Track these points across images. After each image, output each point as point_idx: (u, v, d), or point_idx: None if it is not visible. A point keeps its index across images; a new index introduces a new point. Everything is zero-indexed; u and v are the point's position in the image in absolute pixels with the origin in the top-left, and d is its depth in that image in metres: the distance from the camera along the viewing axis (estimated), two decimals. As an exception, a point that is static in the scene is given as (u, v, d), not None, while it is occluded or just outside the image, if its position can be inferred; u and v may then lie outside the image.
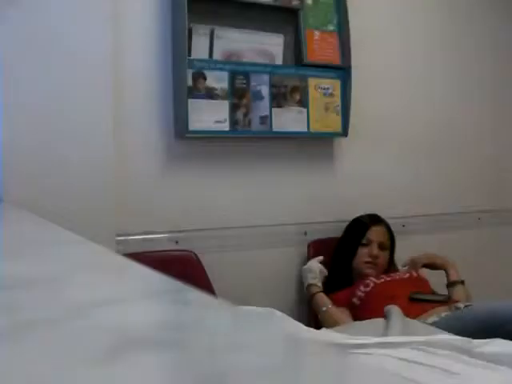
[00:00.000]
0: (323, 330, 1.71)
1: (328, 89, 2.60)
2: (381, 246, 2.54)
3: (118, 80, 2.19)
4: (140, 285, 0.62)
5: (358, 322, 1.95)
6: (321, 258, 2.49)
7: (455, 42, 3.18)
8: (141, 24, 2.30)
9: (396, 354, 1.33)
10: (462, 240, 3.12)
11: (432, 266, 2.64)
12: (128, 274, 0.68)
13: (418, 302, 2.29)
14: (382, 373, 0.37)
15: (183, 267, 2.27)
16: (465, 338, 1.46)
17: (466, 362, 1.32)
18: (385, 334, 1.61)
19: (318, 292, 2.41)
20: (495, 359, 1.35)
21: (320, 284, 2.43)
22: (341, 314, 2.32)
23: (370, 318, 2.03)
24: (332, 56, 2.61)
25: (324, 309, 2.34)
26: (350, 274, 2.53)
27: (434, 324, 2.01)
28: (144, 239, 2.29)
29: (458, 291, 2.46)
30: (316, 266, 2.45)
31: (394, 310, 1.81)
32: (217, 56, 2.39)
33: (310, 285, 2.44)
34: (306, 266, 2.49)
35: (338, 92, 2.62)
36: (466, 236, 3.16)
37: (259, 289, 2.50)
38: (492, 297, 2.16)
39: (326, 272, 2.47)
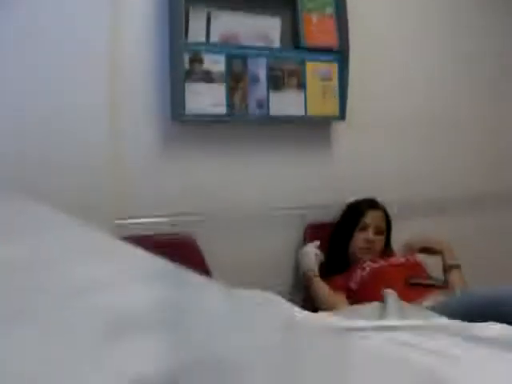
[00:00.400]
0: (320, 314, 1.72)
1: (325, 72, 2.58)
2: (377, 231, 2.55)
3: (115, 63, 2.18)
4: (139, 268, 0.62)
5: (354, 306, 1.96)
6: (317, 242, 2.50)
7: (454, 24, 3.16)
8: (137, 7, 2.28)
9: (394, 338, 1.34)
10: (461, 223, 3.12)
11: (428, 249, 2.65)
12: (127, 257, 0.68)
13: (415, 286, 2.29)
14: (382, 354, 0.37)
15: (181, 250, 2.27)
16: (463, 322, 1.46)
17: (465, 345, 1.32)
18: (382, 318, 1.62)
19: (313, 277, 2.41)
20: (494, 343, 1.35)
21: (316, 269, 2.44)
22: (338, 298, 2.32)
23: (367, 302, 2.04)
24: (330, 39, 2.60)
25: (321, 293, 2.34)
26: (347, 258, 2.54)
27: (430, 308, 2.02)
28: (142, 222, 2.29)
29: (455, 275, 2.47)
30: (312, 250, 2.46)
31: (391, 294, 1.81)
32: (214, 39, 2.37)
33: (305, 269, 2.44)
34: (302, 251, 2.49)
35: (335, 75, 2.61)
36: (465, 219, 3.16)
37: (256, 272, 2.50)
38: (491, 281, 2.17)
39: (322, 257, 2.48)
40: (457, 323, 1.46)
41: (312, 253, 2.45)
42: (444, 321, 1.53)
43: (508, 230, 3.36)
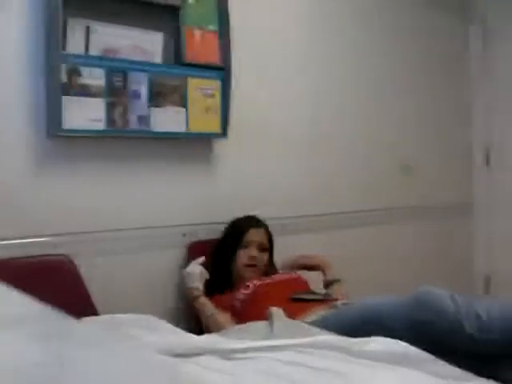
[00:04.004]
0: (206, 336, 1.68)
1: (208, 89, 2.57)
2: (260, 248, 2.55)
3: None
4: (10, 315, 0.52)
5: (241, 326, 1.93)
6: (202, 259, 2.46)
7: (338, 37, 3.27)
8: (10, 16, 2.15)
9: (282, 358, 1.33)
10: (342, 239, 3.22)
11: (308, 266, 2.69)
12: None
13: (299, 301, 2.31)
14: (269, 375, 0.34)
15: (55, 273, 2.16)
16: (347, 338, 1.49)
17: (350, 360, 1.34)
18: (269, 337, 1.61)
19: (199, 296, 2.37)
20: (375, 357, 1.38)
21: (201, 287, 2.40)
22: (224, 317, 2.29)
23: (252, 321, 2.02)
24: (212, 56, 2.59)
25: (208, 313, 2.30)
26: (230, 277, 2.52)
27: (313, 323, 2.04)
28: (16, 244, 2.15)
29: (336, 289, 2.53)
30: (197, 268, 2.42)
31: (276, 312, 1.81)
32: (93, 52, 2.28)
33: (190, 288, 2.40)
34: (186, 270, 2.44)
35: (218, 92, 2.60)
36: (345, 236, 3.26)
37: (139, 292, 2.43)
38: (371, 294, 2.24)
39: (207, 275, 2.44)
40: (342, 339, 1.49)
41: (196, 271, 2.41)
42: (329, 337, 1.54)
43: (389, 244, 3.51)
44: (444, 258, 3.87)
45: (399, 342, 1.46)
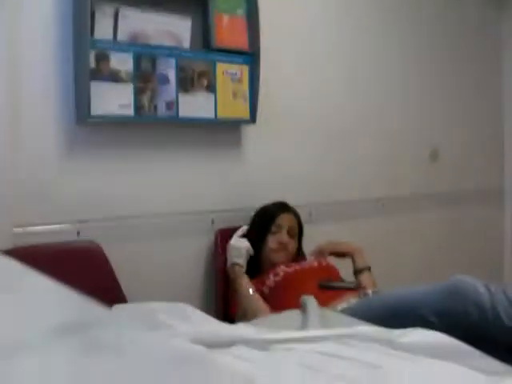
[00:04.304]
0: (239, 325, 1.67)
1: (236, 74, 2.54)
2: (289, 233, 2.53)
3: (13, 63, 2.05)
4: (35, 317, 0.45)
5: (274, 315, 1.92)
6: (242, 229, 2.45)
7: (366, 26, 3.22)
8: (39, 1, 2.14)
9: (318, 349, 1.30)
10: (368, 226, 3.18)
11: (338, 253, 2.66)
12: (17, 296, 0.49)
13: (328, 289, 2.29)
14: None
15: (85, 259, 2.16)
16: (385, 329, 1.46)
17: (389, 353, 1.31)
18: (303, 327, 1.59)
19: (240, 274, 2.36)
20: (415, 349, 1.35)
21: (245, 264, 2.38)
22: (262, 304, 2.26)
23: (280, 307, 2.00)
24: (240, 41, 2.55)
25: (248, 293, 2.28)
26: (259, 262, 2.50)
27: (343, 311, 2.01)
28: (44, 230, 2.15)
29: (365, 278, 2.49)
30: (243, 244, 2.40)
31: (311, 302, 1.79)
32: (122, 37, 2.26)
33: (234, 264, 2.38)
34: (231, 243, 2.43)
35: (246, 78, 2.57)
36: (374, 222, 3.22)
37: (167, 278, 2.42)
38: (402, 282, 2.21)
39: (251, 251, 2.42)
40: (380, 330, 1.46)
41: (243, 246, 2.39)
42: (368, 328, 1.52)
43: (417, 231, 3.47)
44: (473, 246, 3.81)
45: (439, 333, 1.43)
